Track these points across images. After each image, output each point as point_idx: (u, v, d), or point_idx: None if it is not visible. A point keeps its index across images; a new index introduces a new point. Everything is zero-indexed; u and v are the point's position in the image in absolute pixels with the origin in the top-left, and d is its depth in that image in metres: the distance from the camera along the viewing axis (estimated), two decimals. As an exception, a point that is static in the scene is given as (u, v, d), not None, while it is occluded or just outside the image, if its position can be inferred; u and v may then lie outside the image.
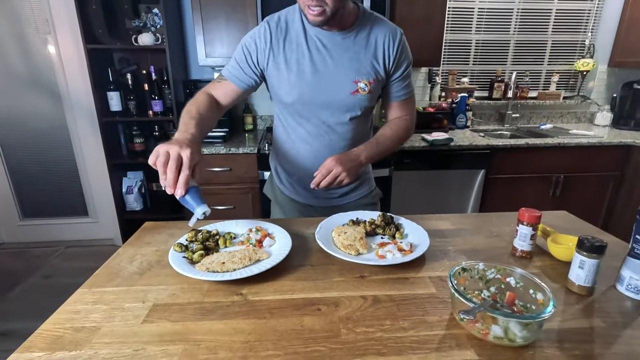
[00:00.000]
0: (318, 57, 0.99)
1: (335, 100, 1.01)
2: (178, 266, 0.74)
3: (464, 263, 0.66)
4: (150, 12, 2.31)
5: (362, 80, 1.00)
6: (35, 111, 2.52)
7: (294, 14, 1.01)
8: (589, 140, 2.24)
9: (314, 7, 0.88)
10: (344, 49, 0.99)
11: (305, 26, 0.99)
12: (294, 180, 1.16)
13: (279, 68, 1.00)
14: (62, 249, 2.74)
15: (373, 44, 1.01)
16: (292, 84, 1.00)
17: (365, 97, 1.02)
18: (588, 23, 2.77)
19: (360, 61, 1.00)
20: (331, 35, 0.98)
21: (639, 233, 0.66)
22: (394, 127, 1.09)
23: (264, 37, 0.99)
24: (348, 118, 1.04)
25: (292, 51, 0.99)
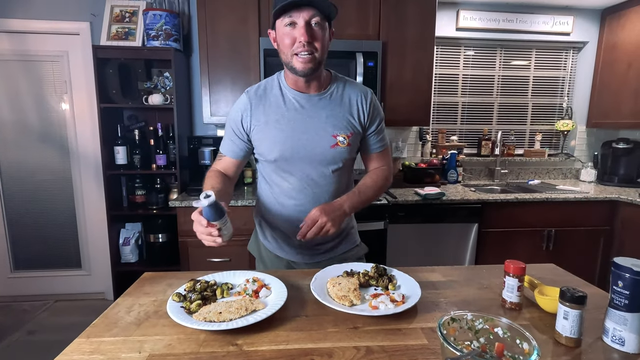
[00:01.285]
0: (297, 116, 1.06)
1: (316, 153, 1.06)
2: (175, 315, 0.75)
3: (453, 313, 0.69)
4: (161, 75, 2.52)
5: (341, 134, 1.07)
6: (42, 164, 2.62)
7: (272, 82, 1.11)
8: (575, 196, 2.33)
9: (305, 53, 0.95)
10: (321, 107, 1.07)
11: (283, 90, 1.09)
12: (278, 235, 1.18)
13: (260, 129, 1.07)
14: (51, 302, 2.66)
15: (347, 102, 1.10)
16: (273, 141, 1.06)
17: (344, 150, 1.08)
18: (564, 88, 3.02)
19: (337, 117, 1.08)
20: (308, 96, 1.07)
21: (616, 284, 0.70)
22: (373, 177, 1.16)
23: (245, 105, 1.08)
24: (330, 170, 1.09)
25: (272, 113, 1.07)
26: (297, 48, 0.96)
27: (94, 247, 2.71)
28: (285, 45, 0.98)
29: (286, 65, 1.02)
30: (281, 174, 1.11)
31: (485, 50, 2.90)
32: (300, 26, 0.95)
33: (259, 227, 1.25)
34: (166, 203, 2.43)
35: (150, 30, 2.25)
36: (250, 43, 2.25)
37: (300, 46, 0.95)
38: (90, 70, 2.32)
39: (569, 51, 2.97)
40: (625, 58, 2.60)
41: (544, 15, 2.76)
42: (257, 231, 1.27)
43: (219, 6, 2.21)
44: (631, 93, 2.56)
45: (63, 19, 2.44)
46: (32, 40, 2.47)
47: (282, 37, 0.98)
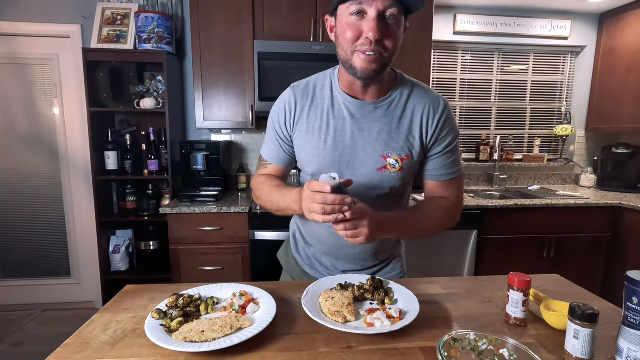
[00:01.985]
0: (343, 127, 0.89)
1: (359, 174, 0.89)
2: (153, 335, 0.69)
3: (454, 333, 0.64)
4: (154, 79, 2.47)
5: (393, 155, 0.88)
6: (31, 169, 2.55)
7: (324, 79, 0.93)
8: (576, 202, 2.28)
9: (370, 52, 0.76)
10: (374, 119, 0.88)
11: (334, 92, 0.91)
12: (310, 251, 1.07)
13: (301, 136, 0.93)
14: (38, 312, 2.58)
15: (409, 116, 0.89)
16: (312, 153, 0.91)
17: (395, 176, 0.89)
18: (562, 93, 2.99)
19: (392, 133, 0.88)
20: (362, 104, 0.88)
21: (630, 300, 0.65)
22: (431, 206, 0.94)
23: (290, 103, 0.93)
24: (375, 195, 0.90)
25: (316, 118, 0.91)
26: (361, 45, 0.77)
27: (84, 255, 2.64)
28: (346, 39, 0.78)
29: (343, 63, 0.84)
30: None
31: (483, 55, 2.88)
32: (370, 18, 0.74)
33: (293, 238, 1.13)
34: (158, 209, 2.37)
35: (142, 33, 2.21)
36: (245, 46, 2.21)
37: (367, 43, 0.76)
38: (81, 73, 2.26)
39: (567, 55, 2.94)
40: (625, 62, 2.57)
41: (541, 20, 2.74)
42: (290, 241, 1.14)
43: (213, 9, 2.17)
44: (631, 97, 2.53)
45: (54, 21, 2.39)
46: (21, 43, 2.42)
47: (344, 27, 0.78)
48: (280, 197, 0.88)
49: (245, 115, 2.29)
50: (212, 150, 2.28)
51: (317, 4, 2.22)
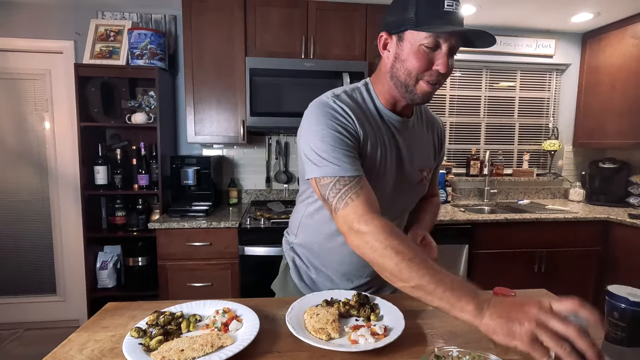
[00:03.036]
0: (394, 142, 0.90)
1: (406, 189, 0.94)
2: (131, 355, 0.67)
3: (436, 349, 0.63)
4: (146, 94, 2.48)
5: (425, 168, 0.96)
6: (19, 184, 2.52)
7: (361, 93, 0.89)
8: (565, 216, 2.30)
9: (434, 84, 0.80)
10: (412, 135, 0.94)
11: (377, 106, 0.89)
12: (318, 277, 1.03)
13: (363, 149, 0.85)
14: (20, 331, 2.50)
15: (429, 132, 0.99)
16: (375, 169, 0.87)
17: (424, 188, 0.98)
18: (549, 109, 3.06)
19: (423, 148, 0.97)
20: (402, 121, 0.91)
21: (612, 315, 0.65)
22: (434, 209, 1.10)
23: (350, 116, 0.83)
24: (410, 206, 1.00)
25: (372, 131, 0.86)
26: (429, 75, 0.79)
27: (70, 272, 2.58)
28: (415, 67, 0.78)
29: (401, 86, 0.83)
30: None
31: (471, 72, 2.94)
32: (443, 53, 0.77)
33: (293, 265, 1.07)
34: (147, 225, 2.34)
35: (135, 49, 2.23)
36: (236, 62, 2.24)
37: (435, 74, 0.78)
38: (73, 88, 2.27)
39: (552, 73, 3.02)
40: (608, 80, 2.65)
41: (527, 39, 2.82)
42: (290, 269, 1.09)
43: (205, 26, 2.21)
44: (615, 114, 2.59)
45: (47, 37, 2.41)
46: (14, 58, 2.43)
47: (412, 54, 0.78)
48: (434, 281, 0.66)
49: (236, 130, 2.30)
50: (203, 165, 2.27)
51: (308, 21, 2.27)
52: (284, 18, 2.25)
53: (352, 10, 2.30)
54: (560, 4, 2.35)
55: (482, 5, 2.37)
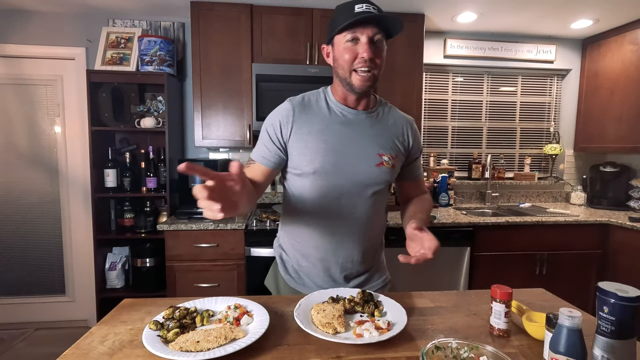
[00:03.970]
0: (342, 129, 1.02)
1: (359, 171, 1.01)
2: (150, 345, 0.72)
3: (437, 341, 0.67)
4: (155, 99, 2.54)
5: (386, 154, 1.03)
6: (31, 187, 2.59)
7: (317, 94, 1.06)
8: (566, 219, 2.34)
9: (365, 69, 0.93)
10: (368, 125, 1.04)
11: (329, 103, 1.04)
12: (302, 268, 1.10)
13: (301, 138, 1.00)
14: (30, 331, 2.55)
15: (394, 125, 1.08)
16: (315, 152, 0.99)
17: (388, 170, 1.04)
18: (550, 113, 3.10)
19: (383, 136, 1.05)
20: (356, 112, 1.04)
21: (602, 310, 0.69)
22: (426, 206, 1.13)
23: (288, 111, 1.02)
24: (370, 192, 1.03)
25: (316, 123, 1.01)
26: (358, 64, 0.94)
27: (79, 273, 2.64)
28: (345, 61, 0.95)
29: (342, 81, 0.99)
30: (316, 189, 1.02)
31: (473, 77, 2.99)
32: (363, 42, 0.93)
33: (280, 260, 1.16)
34: (155, 226, 2.39)
35: (145, 55, 2.30)
36: (243, 69, 2.30)
37: (362, 62, 0.93)
38: (84, 93, 2.34)
39: (553, 78, 3.06)
40: (608, 85, 2.69)
41: (527, 44, 2.87)
42: (278, 264, 1.18)
43: (213, 33, 2.28)
44: (615, 118, 2.63)
45: (59, 44, 2.48)
46: (27, 65, 2.50)
47: (341, 52, 0.96)
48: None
49: (242, 134, 2.35)
50: (210, 168, 2.32)
51: (313, 29, 2.33)
52: (289, 25, 2.32)
53: (356, 18, 2.36)
54: (560, 11, 2.40)
55: (483, 12, 2.42)
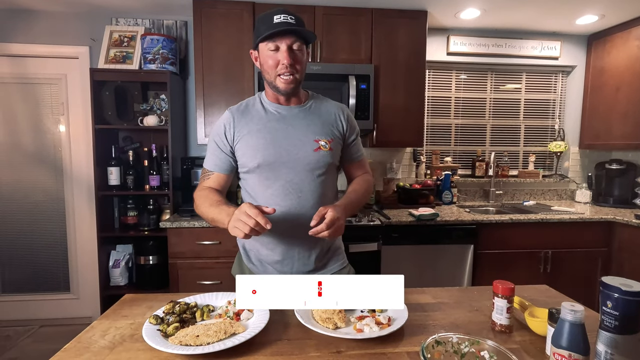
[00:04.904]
0: (278, 125, 1.11)
1: (299, 157, 1.09)
2: (150, 339, 0.72)
3: (437, 336, 0.67)
4: (157, 97, 2.55)
5: (322, 138, 1.12)
6: (36, 185, 2.61)
7: (253, 100, 1.17)
8: (570, 217, 2.31)
9: (287, 74, 1.04)
10: (301, 117, 1.13)
11: (264, 104, 1.14)
12: (263, 256, 1.15)
13: (243, 139, 1.10)
14: (35, 328, 2.58)
15: (326, 113, 1.17)
16: (256, 148, 1.09)
17: (327, 154, 1.11)
18: (555, 110, 3.07)
19: (317, 124, 1.13)
20: (288, 108, 1.13)
21: (605, 305, 0.68)
22: (361, 182, 1.22)
23: (228, 119, 1.12)
24: (315, 175, 1.11)
25: (254, 123, 1.11)
26: (280, 69, 1.04)
27: (84, 270, 2.66)
28: (270, 66, 1.05)
29: (269, 84, 1.10)
30: (264, 182, 1.11)
31: (476, 74, 2.97)
32: (283, 50, 1.02)
33: (243, 250, 1.22)
34: (158, 224, 2.40)
35: (148, 54, 2.31)
36: (245, 67, 2.30)
37: (283, 68, 1.03)
38: (88, 92, 2.35)
39: (558, 75, 3.03)
40: (613, 82, 2.66)
41: (532, 41, 2.84)
42: (241, 254, 1.24)
43: (215, 31, 2.28)
44: (620, 115, 2.60)
45: (63, 43, 2.50)
46: (32, 64, 2.52)
47: (265, 59, 1.06)
48: (217, 211, 1.00)
49: (245, 132, 2.35)
50: (212, 166, 2.33)
51: (315, 26, 2.32)
52: (291, 23, 2.31)
53: (358, 15, 2.35)
54: (565, 7, 2.37)
55: (487, 8, 2.40)
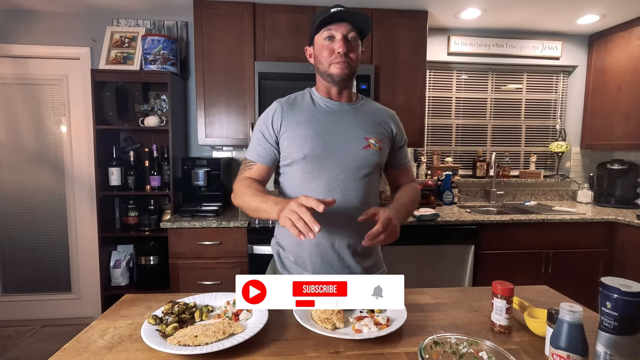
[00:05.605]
0: (328, 118, 1.09)
1: (347, 153, 1.05)
2: (149, 339, 0.72)
3: (435, 336, 0.66)
4: (158, 98, 2.56)
5: (372, 137, 1.09)
6: (37, 185, 2.62)
7: (302, 93, 1.15)
8: (572, 217, 2.30)
9: (341, 62, 1.02)
10: (352, 114, 1.11)
11: (314, 98, 1.12)
12: (300, 262, 1.08)
13: (290, 129, 1.07)
14: (37, 328, 2.58)
15: (377, 114, 1.15)
16: (304, 138, 1.05)
17: (376, 153, 1.08)
18: (556, 111, 3.06)
19: (368, 123, 1.11)
20: (339, 103, 1.11)
21: (604, 305, 0.67)
22: (410, 189, 1.17)
23: (276, 108, 1.10)
24: (361, 174, 1.06)
25: (303, 115, 1.08)
26: (335, 58, 1.03)
27: (85, 270, 2.66)
28: (324, 56, 1.05)
29: (323, 75, 1.08)
30: (308, 175, 1.05)
31: (477, 74, 2.96)
32: (338, 39, 1.02)
33: (277, 257, 1.15)
34: (159, 224, 2.41)
35: (148, 54, 2.31)
36: (245, 67, 2.30)
37: (338, 56, 1.02)
38: (89, 93, 2.36)
39: (559, 74, 3.02)
40: (615, 81, 2.65)
41: (533, 41, 2.84)
42: (275, 262, 1.17)
43: (216, 32, 2.28)
44: (622, 115, 2.59)
45: (64, 44, 2.51)
46: (33, 65, 2.53)
47: (320, 49, 1.06)
48: (262, 199, 0.98)
49: (245, 132, 2.36)
50: (213, 167, 2.33)
51: (315, 27, 2.32)
52: (292, 23, 2.31)
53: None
54: (565, 7, 2.37)
55: (487, 8, 2.40)
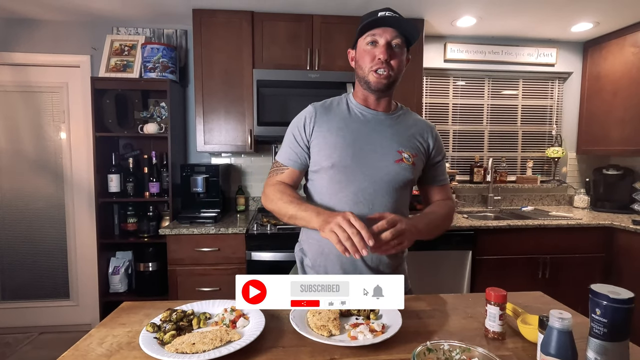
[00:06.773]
0: (361, 127, 1.05)
1: (378, 166, 1.01)
2: (147, 347, 0.73)
3: (429, 343, 0.68)
4: (157, 105, 2.58)
5: (406, 151, 1.04)
6: (36, 192, 2.63)
7: (339, 99, 1.12)
8: (568, 222, 2.32)
9: (382, 70, 0.99)
10: (387, 125, 1.07)
11: (350, 105, 1.09)
12: (322, 268, 1.07)
13: (321, 135, 1.04)
14: (35, 335, 2.58)
15: (414, 127, 1.10)
16: (334, 146, 1.02)
17: (408, 167, 1.03)
18: (552, 116, 3.09)
19: (403, 136, 1.06)
20: (375, 112, 1.07)
21: (594, 312, 0.69)
22: (442, 206, 1.11)
23: (310, 112, 1.07)
24: (391, 188, 1.02)
25: (336, 121, 1.05)
26: (375, 64, 0.99)
27: (83, 277, 2.67)
28: (365, 62, 1.02)
29: (360, 80, 1.05)
30: (335, 186, 1.03)
31: (473, 81, 2.99)
32: (381, 45, 0.99)
33: (300, 264, 1.14)
34: (157, 231, 2.41)
35: (148, 62, 2.34)
36: (244, 74, 2.33)
37: (379, 63, 0.99)
38: (88, 100, 2.38)
39: (554, 81, 3.06)
40: (610, 87, 2.68)
41: (528, 48, 2.87)
42: (297, 268, 1.15)
43: (215, 40, 2.31)
44: (618, 121, 2.61)
45: (65, 52, 2.53)
46: (33, 72, 2.55)
47: (362, 53, 1.03)
48: (301, 208, 0.96)
49: (244, 139, 2.38)
50: (211, 173, 2.35)
51: (313, 35, 2.35)
52: (290, 32, 2.34)
53: (356, 24, 2.36)
54: (559, 14, 2.40)
55: (483, 16, 2.44)
